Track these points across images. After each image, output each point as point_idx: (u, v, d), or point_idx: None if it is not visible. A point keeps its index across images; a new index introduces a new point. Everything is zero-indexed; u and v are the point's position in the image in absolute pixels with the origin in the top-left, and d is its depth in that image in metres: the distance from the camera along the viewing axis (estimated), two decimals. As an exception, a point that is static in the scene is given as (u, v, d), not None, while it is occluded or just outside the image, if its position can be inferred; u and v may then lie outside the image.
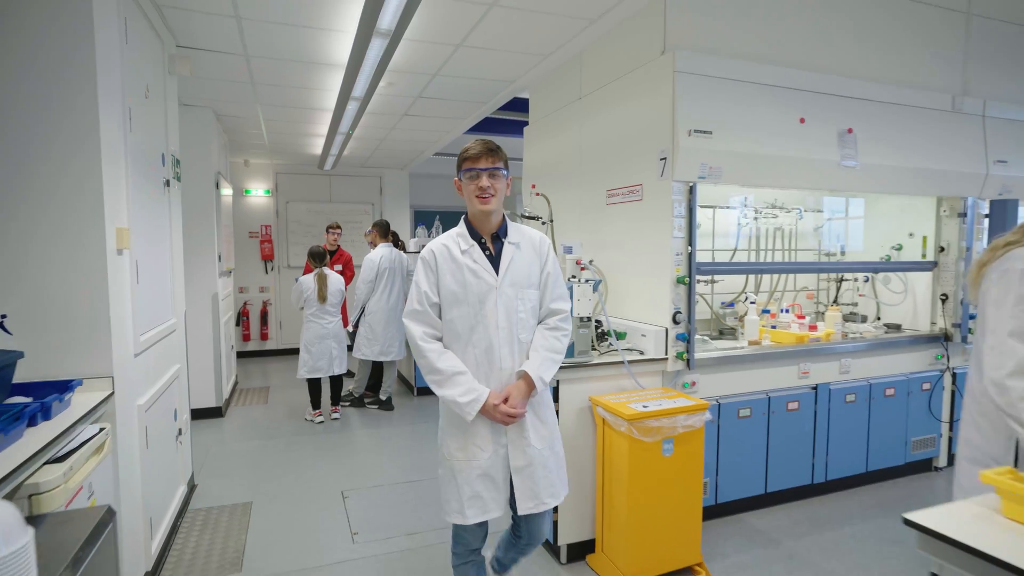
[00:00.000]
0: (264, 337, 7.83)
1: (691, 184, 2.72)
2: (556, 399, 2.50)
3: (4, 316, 1.86)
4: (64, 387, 1.84)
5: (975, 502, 1.30)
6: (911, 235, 3.75)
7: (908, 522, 1.18)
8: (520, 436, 1.86)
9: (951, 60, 3.52)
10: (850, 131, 3.06)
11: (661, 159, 2.74)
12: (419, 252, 5.78)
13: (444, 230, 7.07)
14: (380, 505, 3.29)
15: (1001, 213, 3.54)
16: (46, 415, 1.68)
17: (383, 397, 5.23)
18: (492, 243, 1.89)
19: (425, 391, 5.54)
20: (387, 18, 2.72)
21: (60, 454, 1.62)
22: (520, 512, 1.88)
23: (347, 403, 5.30)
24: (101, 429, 1.90)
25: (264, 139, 6.26)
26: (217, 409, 4.96)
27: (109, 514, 1.47)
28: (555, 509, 2.22)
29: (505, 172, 1.86)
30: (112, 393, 2.07)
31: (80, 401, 1.91)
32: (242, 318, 7.61)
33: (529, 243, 1.92)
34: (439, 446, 1.94)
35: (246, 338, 7.67)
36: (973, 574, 1.11)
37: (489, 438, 1.84)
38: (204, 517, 3.14)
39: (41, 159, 1.97)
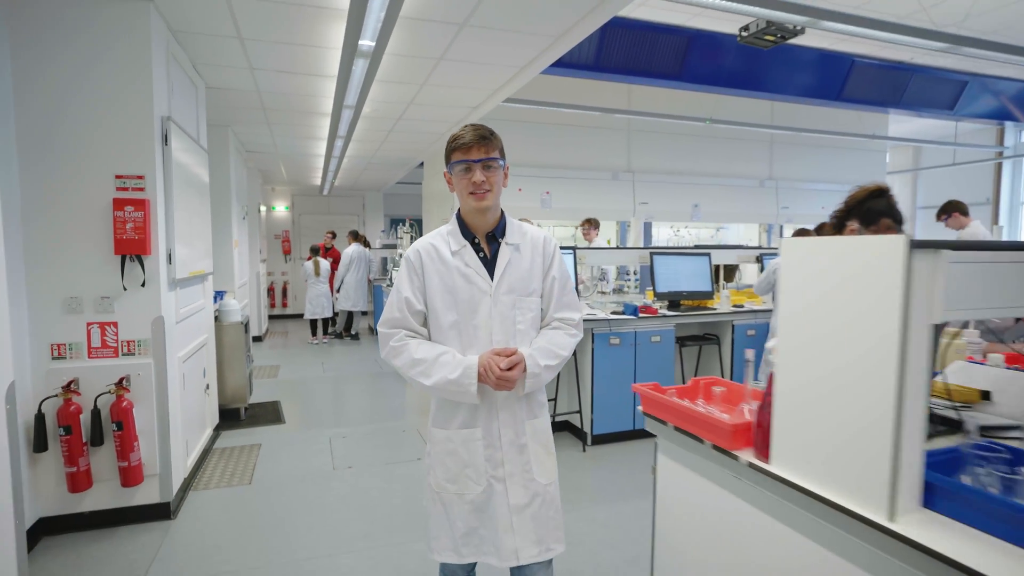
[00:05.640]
0: (284, 305, 11.69)
1: (464, 219, 6.42)
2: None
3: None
4: (223, 293, 5.62)
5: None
6: (608, 240, 7.43)
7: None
8: (522, 469, 1.59)
9: (618, 153, 7.19)
10: (547, 192, 6.74)
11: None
12: (382, 248, 9.96)
13: (395, 231, 11.02)
14: (341, 367, 7.09)
15: (645, 228, 7.23)
16: (223, 297, 5.46)
17: (353, 333, 9.03)
18: (487, 244, 1.64)
19: (380, 331, 9.32)
20: (338, 150, 6.48)
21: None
22: (521, 560, 1.56)
23: (333, 336, 9.11)
24: (233, 307, 5.70)
25: (284, 177, 10.07)
26: (259, 337, 8.78)
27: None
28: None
29: (502, 162, 1.59)
30: (234, 298, 5.86)
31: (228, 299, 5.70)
32: (269, 292, 11.46)
33: (531, 244, 1.67)
34: (426, 475, 1.68)
35: (271, 305, 11.51)
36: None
37: (484, 468, 1.58)
38: (256, 368, 6.95)
39: (220, 222, 5.75)
